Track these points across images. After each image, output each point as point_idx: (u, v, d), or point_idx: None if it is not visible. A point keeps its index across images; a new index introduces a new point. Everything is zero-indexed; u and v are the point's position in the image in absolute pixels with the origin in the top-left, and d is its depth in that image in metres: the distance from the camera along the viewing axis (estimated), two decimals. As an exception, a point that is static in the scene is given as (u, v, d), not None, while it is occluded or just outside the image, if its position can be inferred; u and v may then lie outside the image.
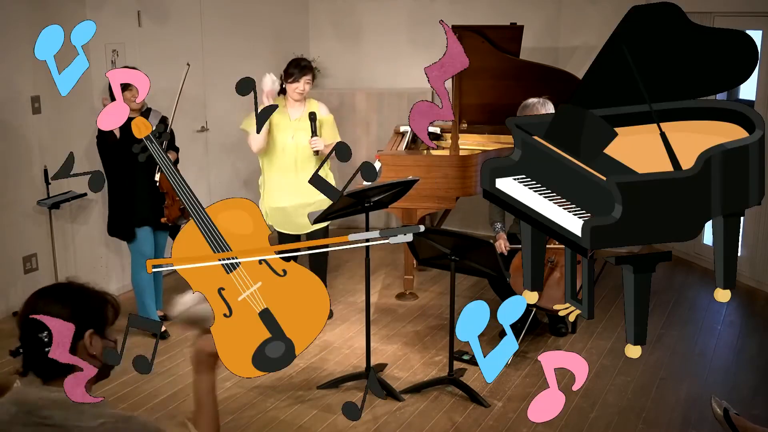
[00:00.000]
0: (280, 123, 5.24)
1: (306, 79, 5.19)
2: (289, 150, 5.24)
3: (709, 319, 5.55)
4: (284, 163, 5.27)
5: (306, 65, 5.25)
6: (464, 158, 5.59)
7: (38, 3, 5.53)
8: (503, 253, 5.06)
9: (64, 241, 5.92)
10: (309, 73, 5.22)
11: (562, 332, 5.23)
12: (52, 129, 5.75)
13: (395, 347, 5.12)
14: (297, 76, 5.17)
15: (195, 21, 6.43)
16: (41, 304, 2.03)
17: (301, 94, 5.21)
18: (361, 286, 5.89)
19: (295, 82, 5.17)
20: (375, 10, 7.55)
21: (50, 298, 2.05)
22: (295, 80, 5.17)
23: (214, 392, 2.51)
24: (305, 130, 5.24)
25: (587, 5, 6.92)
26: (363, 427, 4.18)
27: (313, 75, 5.27)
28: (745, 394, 4.50)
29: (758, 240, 6.03)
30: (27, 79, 5.55)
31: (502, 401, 4.44)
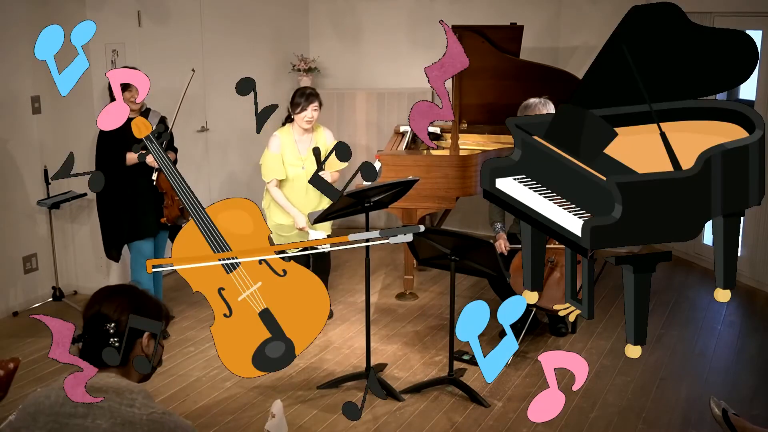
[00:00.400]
0: (289, 156, 5.20)
1: (313, 106, 5.12)
2: (299, 179, 5.20)
3: (709, 319, 5.55)
4: (295, 190, 5.25)
5: (312, 92, 5.17)
6: (464, 158, 5.59)
7: (38, 3, 5.53)
8: (503, 253, 5.06)
9: (64, 241, 5.93)
10: (315, 101, 5.13)
11: (562, 332, 5.22)
12: (52, 129, 5.75)
13: (395, 347, 5.12)
14: (304, 104, 5.10)
15: (195, 21, 6.43)
16: (106, 302, 2.21)
17: (309, 123, 5.15)
18: (361, 286, 5.89)
19: (303, 111, 5.10)
20: (375, 10, 7.55)
21: (117, 296, 2.24)
22: (303, 109, 5.10)
23: None
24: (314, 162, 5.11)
25: (587, 5, 6.92)
26: (363, 427, 4.18)
27: (319, 102, 5.19)
28: (744, 395, 4.50)
29: (758, 240, 6.03)
30: (27, 79, 5.55)
31: (502, 401, 4.44)
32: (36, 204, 5.61)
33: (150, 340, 2.24)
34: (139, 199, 5.03)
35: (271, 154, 5.18)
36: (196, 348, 5.11)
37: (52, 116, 5.72)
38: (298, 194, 5.23)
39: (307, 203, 5.24)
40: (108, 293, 2.26)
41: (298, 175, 5.20)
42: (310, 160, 5.19)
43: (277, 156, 5.17)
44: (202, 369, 4.82)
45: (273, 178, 5.19)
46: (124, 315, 2.17)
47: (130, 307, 2.19)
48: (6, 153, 5.50)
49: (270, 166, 5.19)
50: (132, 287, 2.32)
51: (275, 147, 5.18)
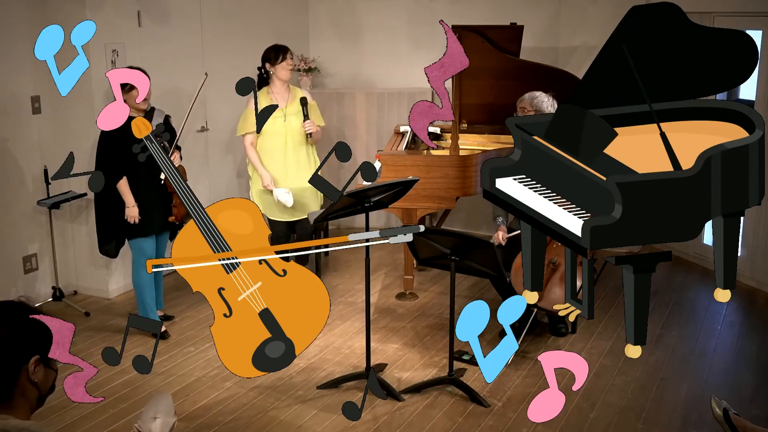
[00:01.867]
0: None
1: (290, 55, 5.47)
2: (280, 134, 5.49)
3: (709, 319, 5.55)
4: (275, 147, 5.52)
5: (283, 45, 5.49)
6: (464, 158, 5.59)
7: (38, 3, 5.53)
8: (501, 243, 5.06)
9: (64, 241, 5.92)
10: (288, 51, 5.48)
11: (562, 332, 5.22)
12: (52, 129, 5.75)
13: (395, 347, 5.13)
14: (282, 55, 5.44)
15: (195, 21, 6.43)
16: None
17: (291, 71, 5.50)
18: (361, 286, 5.89)
19: (283, 60, 5.43)
20: (375, 10, 7.56)
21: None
22: (283, 59, 5.43)
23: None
24: (295, 115, 5.53)
25: (587, 5, 6.92)
26: (363, 427, 4.18)
27: (291, 54, 5.54)
28: (745, 395, 4.50)
29: (758, 240, 6.03)
30: (27, 79, 5.55)
31: (502, 401, 4.44)
32: (36, 204, 5.61)
33: (38, 365, 1.92)
34: (142, 196, 5.03)
35: (249, 110, 5.50)
36: (196, 348, 5.11)
37: (52, 116, 5.72)
38: (277, 149, 5.53)
39: (285, 158, 5.53)
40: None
41: (278, 130, 5.49)
42: (291, 110, 5.52)
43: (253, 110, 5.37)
44: (202, 369, 4.82)
45: (246, 131, 5.50)
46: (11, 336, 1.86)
47: (15, 328, 1.88)
48: (6, 153, 5.50)
49: (246, 117, 5.51)
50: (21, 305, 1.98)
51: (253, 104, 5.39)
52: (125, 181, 4.96)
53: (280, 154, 5.52)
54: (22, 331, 1.89)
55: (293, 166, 5.55)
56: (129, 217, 5.00)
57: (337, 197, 2.97)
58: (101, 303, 5.82)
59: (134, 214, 5.00)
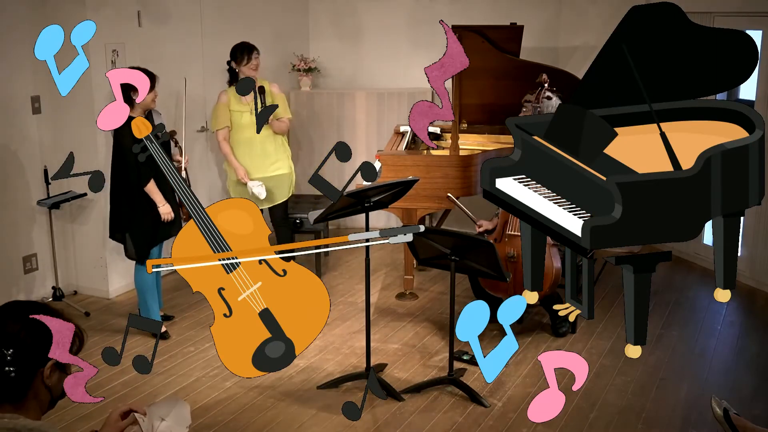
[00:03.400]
0: (236, 104, 5.63)
1: (255, 54, 5.59)
2: (248, 127, 5.64)
3: (709, 319, 5.55)
4: (244, 140, 5.66)
5: (248, 44, 5.61)
6: (464, 158, 5.59)
7: (38, 3, 5.53)
8: (487, 229, 5.27)
9: (64, 241, 5.92)
10: (255, 50, 5.60)
11: (562, 332, 5.23)
12: (52, 129, 5.75)
13: (395, 347, 5.13)
14: (248, 56, 5.56)
15: (195, 21, 6.43)
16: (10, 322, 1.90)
17: (256, 70, 5.60)
18: (361, 286, 5.89)
19: (250, 61, 5.56)
20: (375, 10, 7.56)
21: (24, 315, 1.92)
22: (249, 59, 5.56)
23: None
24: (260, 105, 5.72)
25: (587, 5, 6.92)
26: (363, 427, 4.18)
27: (257, 50, 5.62)
28: (745, 394, 4.49)
29: (758, 240, 6.03)
30: (27, 79, 5.55)
31: (502, 401, 4.44)
32: (36, 204, 5.61)
33: (53, 369, 1.94)
34: (167, 196, 5.03)
35: (219, 104, 5.66)
36: (196, 348, 5.11)
37: (52, 116, 5.72)
38: (246, 142, 5.65)
39: (252, 150, 5.66)
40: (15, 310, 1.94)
41: (246, 123, 5.63)
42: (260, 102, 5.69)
43: (224, 105, 5.65)
44: (202, 369, 4.82)
45: (221, 126, 5.63)
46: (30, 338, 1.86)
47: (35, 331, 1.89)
48: (6, 153, 5.50)
49: (218, 114, 5.66)
50: (45, 306, 2.01)
51: (223, 98, 5.67)
52: (153, 182, 4.94)
53: (249, 146, 5.66)
54: (40, 333, 1.90)
55: (260, 157, 5.68)
56: (164, 215, 5.00)
57: (337, 197, 2.97)
58: (101, 303, 5.82)
59: (168, 210, 5.00)
